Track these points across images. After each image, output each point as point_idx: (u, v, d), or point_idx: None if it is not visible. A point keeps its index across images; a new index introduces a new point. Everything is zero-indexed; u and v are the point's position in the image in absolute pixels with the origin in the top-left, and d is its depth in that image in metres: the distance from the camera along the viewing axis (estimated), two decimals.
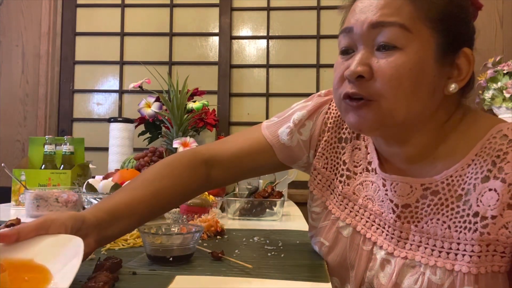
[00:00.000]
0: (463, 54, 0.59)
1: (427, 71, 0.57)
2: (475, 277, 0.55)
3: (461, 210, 0.58)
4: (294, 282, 0.60)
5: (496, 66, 2.02)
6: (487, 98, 2.01)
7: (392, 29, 0.55)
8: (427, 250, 0.60)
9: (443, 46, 0.57)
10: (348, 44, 0.61)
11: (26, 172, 1.37)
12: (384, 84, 0.56)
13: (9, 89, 2.32)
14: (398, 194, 0.63)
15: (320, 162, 0.76)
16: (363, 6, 0.59)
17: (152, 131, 1.94)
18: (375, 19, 0.57)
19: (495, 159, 0.56)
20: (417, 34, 0.56)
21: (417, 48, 0.56)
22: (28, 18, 2.34)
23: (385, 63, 0.56)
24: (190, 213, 1.02)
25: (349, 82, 0.59)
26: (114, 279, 0.56)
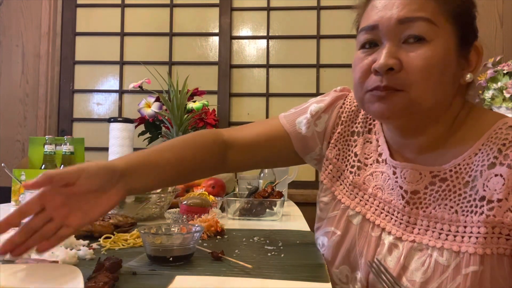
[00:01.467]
0: (475, 48, 0.64)
1: (451, 63, 0.61)
2: (480, 257, 0.57)
3: (468, 196, 0.61)
4: (294, 282, 0.60)
5: (496, 66, 2.02)
6: (487, 98, 2.01)
7: (420, 23, 0.59)
8: (434, 234, 0.62)
9: (461, 39, 0.62)
10: (370, 39, 0.63)
11: (26, 172, 1.37)
12: (415, 75, 0.59)
13: (9, 89, 2.32)
14: (408, 181, 0.66)
15: (332, 152, 0.79)
16: (387, 3, 0.62)
17: (152, 131, 1.94)
18: (402, 14, 0.59)
19: (501, 147, 0.59)
20: (442, 27, 0.59)
21: (443, 41, 0.59)
22: (28, 18, 2.34)
23: (415, 55, 0.59)
24: (190, 213, 1.02)
25: (376, 75, 0.61)
26: (114, 279, 0.56)
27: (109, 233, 0.85)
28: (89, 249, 0.73)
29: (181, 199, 1.10)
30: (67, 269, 0.52)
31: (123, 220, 0.90)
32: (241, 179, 1.64)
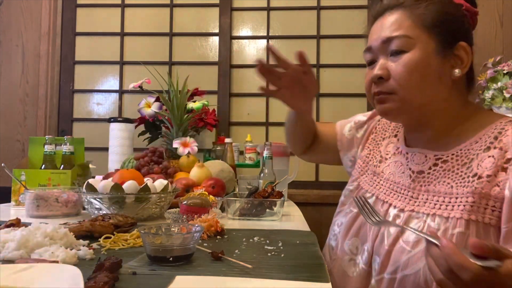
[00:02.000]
0: (460, 47, 0.76)
1: (431, 63, 0.73)
2: (466, 222, 0.67)
3: (463, 174, 0.72)
4: (294, 282, 0.60)
5: (496, 66, 2.02)
6: (487, 98, 2.01)
7: (398, 40, 0.74)
8: (431, 205, 0.73)
9: (440, 43, 0.74)
10: (371, 58, 0.81)
11: (26, 172, 1.37)
12: (400, 79, 0.74)
13: (9, 89, 2.32)
14: (415, 163, 0.80)
15: (364, 152, 0.96)
16: (375, 28, 0.80)
17: (152, 131, 1.94)
18: (384, 35, 0.77)
19: (497, 135, 0.71)
20: (417, 39, 0.74)
21: (419, 49, 0.73)
22: (28, 18, 2.34)
23: (397, 64, 0.74)
24: (190, 213, 1.02)
25: (374, 84, 0.79)
26: (114, 279, 0.56)
27: (109, 233, 0.85)
28: (89, 249, 0.73)
29: (181, 199, 1.10)
30: (67, 269, 0.52)
31: (123, 220, 0.90)
32: (241, 179, 1.64)
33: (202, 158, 1.93)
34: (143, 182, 1.13)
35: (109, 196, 1.04)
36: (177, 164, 1.54)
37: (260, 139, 2.25)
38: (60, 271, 0.52)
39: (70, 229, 0.80)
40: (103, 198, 1.05)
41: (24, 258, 0.66)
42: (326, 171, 2.27)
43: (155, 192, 1.10)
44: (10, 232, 0.75)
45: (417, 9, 0.75)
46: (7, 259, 0.66)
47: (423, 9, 0.75)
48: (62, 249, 0.68)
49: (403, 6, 0.76)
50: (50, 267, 0.54)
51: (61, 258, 0.65)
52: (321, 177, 2.27)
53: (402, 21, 0.75)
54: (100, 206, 1.07)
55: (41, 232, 0.72)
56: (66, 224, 0.88)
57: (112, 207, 1.06)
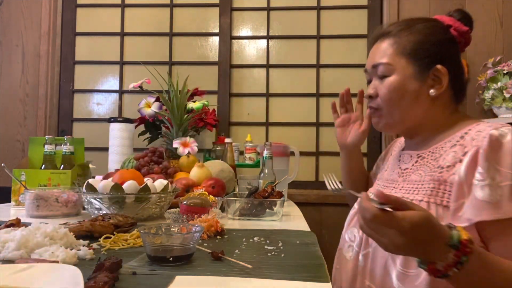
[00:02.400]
0: (437, 70, 0.87)
1: (408, 86, 0.88)
2: (427, 204, 0.79)
3: (432, 166, 0.84)
4: (294, 282, 0.60)
5: (496, 66, 2.02)
6: (487, 98, 2.01)
7: (383, 66, 0.90)
8: (403, 190, 0.88)
9: (417, 67, 0.87)
10: (369, 78, 0.97)
11: (26, 172, 1.37)
12: (382, 98, 0.90)
13: (9, 89, 2.32)
14: (404, 162, 0.94)
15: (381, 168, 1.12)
16: (370, 53, 0.96)
17: (152, 131, 1.94)
18: (372, 62, 0.93)
19: (463, 134, 0.82)
20: (397, 65, 0.88)
21: (398, 74, 0.88)
22: (28, 18, 2.34)
23: (382, 86, 0.90)
24: (190, 213, 1.02)
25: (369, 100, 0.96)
26: (114, 279, 0.56)
27: (109, 233, 0.85)
28: (89, 249, 0.73)
29: (181, 199, 1.10)
30: (67, 269, 0.52)
31: (123, 220, 0.90)
32: (241, 179, 1.64)
33: (202, 158, 1.93)
34: (143, 182, 1.13)
35: (109, 196, 1.04)
36: (177, 164, 1.54)
37: (260, 139, 2.25)
38: (60, 271, 0.52)
39: (70, 229, 0.80)
40: (103, 198, 1.05)
41: (24, 258, 0.66)
42: (326, 171, 2.27)
43: (155, 192, 1.10)
44: (10, 232, 0.76)
45: (400, 38, 0.89)
46: (7, 259, 0.67)
47: (404, 39, 0.89)
48: (62, 249, 0.68)
49: (391, 34, 0.91)
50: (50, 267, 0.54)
51: (61, 258, 0.65)
52: (321, 177, 2.27)
53: (387, 49, 0.90)
54: (100, 206, 1.07)
55: (41, 232, 0.72)
56: (66, 224, 0.88)
57: (112, 207, 1.06)
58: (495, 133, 0.75)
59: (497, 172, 0.72)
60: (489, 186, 0.71)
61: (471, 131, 0.81)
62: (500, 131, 0.75)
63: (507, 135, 0.74)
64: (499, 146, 0.74)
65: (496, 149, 0.73)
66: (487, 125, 0.80)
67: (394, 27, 0.91)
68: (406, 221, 0.59)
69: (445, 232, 0.61)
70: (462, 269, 0.60)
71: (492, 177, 0.71)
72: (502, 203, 0.70)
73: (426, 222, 0.60)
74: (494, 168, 0.72)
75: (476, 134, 0.79)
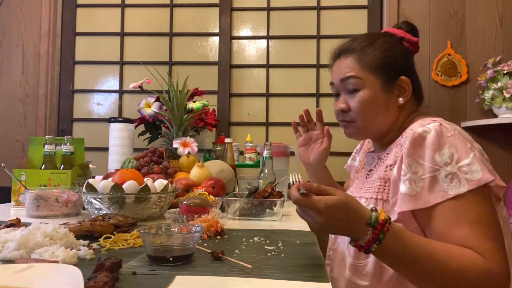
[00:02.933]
0: (402, 80, 0.94)
1: (379, 98, 0.94)
2: (375, 200, 0.89)
3: (384, 165, 0.92)
4: (294, 282, 0.60)
5: (496, 66, 2.02)
6: (487, 98, 2.01)
7: (351, 80, 0.95)
8: (362, 190, 0.97)
9: (384, 80, 0.94)
10: (336, 91, 1.02)
11: (26, 172, 1.37)
12: (355, 113, 0.95)
13: (9, 89, 2.32)
14: (369, 164, 1.03)
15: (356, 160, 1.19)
16: (335, 68, 1.01)
17: (152, 131, 1.94)
18: (341, 76, 0.97)
19: (404, 133, 0.89)
20: (366, 79, 0.94)
21: (369, 87, 0.94)
22: (28, 18, 2.34)
23: (353, 100, 0.95)
24: (190, 213, 1.02)
25: (340, 114, 1.00)
26: (114, 279, 0.56)
27: (109, 233, 0.85)
28: (89, 249, 0.73)
29: (181, 199, 1.10)
30: (67, 269, 0.52)
31: (123, 220, 0.90)
32: (241, 179, 1.64)
33: (202, 158, 1.93)
34: (143, 182, 1.12)
35: (109, 196, 1.04)
36: (177, 164, 1.54)
37: (260, 139, 2.25)
38: (60, 271, 0.52)
39: (70, 229, 0.80)
40: (103, 198, 1.05)
41: (24, 258, 0.66)
42: None
43: (155, 192, 1.10)
44: (10, 232, 0.76)
45: (364, 55, 0.95)
46: (7, 259, 0.66)
47: (369, 55, 0.94)
48: (62, 249, 0.68)
49: (354, 51, 0.96)
50: (50, 267, 0.54)
51: (61, 258, 0.65)
52: None
53: (353, 65, 0.95)
54: (100, 206, 1.07)
55: (41, 232, 0.72)
56: (66, 224, 0.88)
57: (112, 207, 1.06)
58: (419, 130, 0.82)
59: (419, 166, 0.80)
60: (409, 180, 0.80)
61: (407, 130, 0.88)
62: (425, 128, 0.82)
63: (430, 131, 0.81)
64: (421, 142, 0.81)
65: (418, 144, 0.81)
66: (420, 122, 0.86)
67: (357, 44, 0.96)
68: (321, 203, 0.69)
69: (366, 213, 0.70)
70: (381, 245, 0.70)
71: (414, 172, 0.80)
72: (421, 194, 0.78)
73: (342, 205, 0.69)
74: (416, 162, 0.80)
75: (408, 132, 0.85)
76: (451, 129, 0.82)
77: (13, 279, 0.51)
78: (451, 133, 0.81)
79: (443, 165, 0.78)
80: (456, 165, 0.78)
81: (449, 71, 2.16)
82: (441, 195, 0.77)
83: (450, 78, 2.16)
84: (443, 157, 0.79)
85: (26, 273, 0.52)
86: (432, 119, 0.86)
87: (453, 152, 0.79)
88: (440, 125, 0.82)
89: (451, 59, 2.17)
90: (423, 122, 0.85)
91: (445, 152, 0.79)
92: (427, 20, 2.19)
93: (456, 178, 0.77)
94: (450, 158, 0.78)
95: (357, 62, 0.95)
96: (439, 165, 0.78)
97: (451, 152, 0.79)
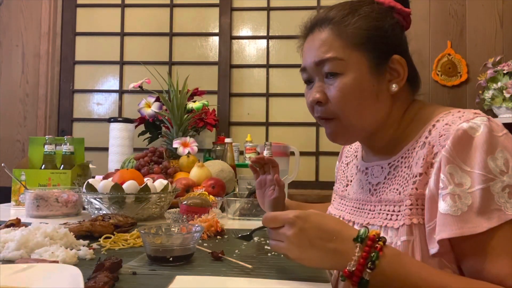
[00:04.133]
0: (394, 60, 0.71)
1: (366, 84, 0.70)
2: (408, 227, 0.64)
3: (407, 176, 0.69)
4: (294, 282, 0.60)
5: (496, 66, 2.02)
6: (487, 98, 2.01)
7: (330, 62, 0.70)
8: (383, 215, 0.71)
9: (373, 60, 0.71)
10: (307, 77, 0.77)
11: (26, 172, 1.37)
12: (337, 105, 0.71)
13: (9, 89, 2.32)
14: (375, 176, 0.77)
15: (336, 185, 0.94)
16: (307, 48, 0.76)
17: (152, 131, 1.94)
18: (316, 59, 0.72)
19: (431, 128, 0.68)
20: (349, 60, 0.70)
21: (354, 69, 0.70)
22: (28, 18, 2.34)
23: (333, 87, 0.71)
24: (190, 213, 1.02)
25: (315, 107, 0.75)
26: (114, 279, 0.56)
27: (109, 233, 0.85)
28: (89, 249, 0.73)
29: (181, 199, 1.10)
30: (67, 269, 0.52)
31: (123, 220, 0.90)
32: (241, 179, 1.64)
33: (202, 158, 1.93)
34: (143, 182, 1.13)
35: (109, 196, 1.04)
36: (177, 164, 1.54)
37: (260, 139, 2.25)
38: (60, 271, 0.52)
39: (70, 229, 0.80)
40: (103, 198, 1.05)
41: (24, 258, 0.66)
42: (326, 171, 2.27)
43: (155, 192, 1.10)
44: (10, 232, 0.76)
45: (345, 27, 0.71)
46: (7, 259, 0.66)
47: (352, 27, 0.71)
48: (62, 249, 0.68)
49: (332, 22, 0.72)
50: (50, 267, 0.54)
51: (61, 258, 0.65)
52: (321, 177, 2.27)
53: (332, 41, 0.71)
54: (100, 206, 1.07)
55: (41, 232, 0.72)
56: (66, 224, 0.88)
57: (112, 207, 1.06)
58: (464, 126, 0.61)
59: (465, 176, 0.60)
60: (451, 195, 0.59)
61: (439, 124, 0.66)
62: (471, 123, 0.61)
63: (479, 128, 0.61)
64: (468, 142, 0.60)
65: (463, 146, 0.61)
66: (457, 115, 0.66)
67: (336, 12, 0.73)
68: (290, 213, 0.59)
69: (350, 229, 0.58)
70: (375, 270, 0.54)
71: (458, 183, 0.60)
72: (469, 214, 0.58)
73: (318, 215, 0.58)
74: (461, 170, 0.60)
75: (444, 128, 0.64)
76: (501, 126, 0.63)
77: (13, 279, 0.51)
78: (503, 132, 0.62)
79: (498, 174, 0.58)
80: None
81: (449, 71, 2.17)
82: (497, 215, 0.57)
83: (450, 78, 2.17)
84: (497, 162, 0.59)
85: (26, 273, 0.52)
86: (472, 111, 0.65)
87: (508, 157, 0.59)
88: (489, 120, 0.62)
89: (451, 59, 2.17)
90: (461, 115, 0.65)
91: (498, 157, 0.59)
92: (427, 20, 2.19)
93: None
94: (506, 165, 0.59)
95: (337, 36, 0.71)
96: (493, 173, 0.58)
97: (506, 158, 0.59)
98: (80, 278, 0.48)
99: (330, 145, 2.27)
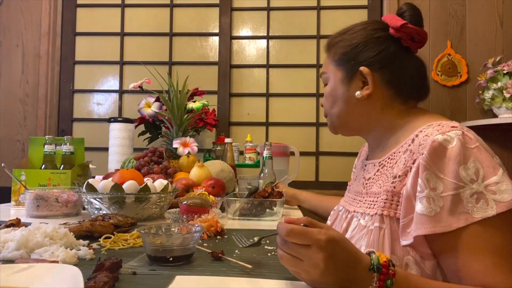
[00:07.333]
0: (362, 72, 0.86)
1: (338, 91, 0.90)
2: (380, 217, 0.76)
3: (389, 174, 0.80)
4: (294, 282, 0.60)
5: (496, 66, 2.02)
6: (487, 98, 2.01)
7: (322, 76, 0.96)
8: (365, 205, 0.84)
9: (344, 72, 0.89)
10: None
11: (26, 172, 1.37)
12: (324, 106, 0.96)
13: (9, 89, 2.32)
14: (368, 172, 0.90)
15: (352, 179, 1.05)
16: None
17: (152, 131, 1.94)
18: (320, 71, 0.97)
19: (414, 137, 0.77)
20: (329, 72, 0.92)
21: (332, 81, 0.91)
22: (28, 18, 2.34)
23: (324, 94, 0.95)
24: (190, 213, 1.02)
25: None
26: (114, 279, 0.56)
27: (109, 233, 0.85)
28: (89, 249, 0.73)
29: (181, 199, 1.10)
30: (67, 269, 0.52)
31: (123, 220, 0.90)
32: (241, 179, 1.64)
33: (202, 158, 1.93)
34: (143, 182, 1.13)
35: (109, 196, 1.04)
36: (177, 164, 1.54)
37: (260, 139, 2.25)
38: (60, 271, 0.52)
39: (70, 229, 0.80)
40: (103, 198, 1.05)
41: (24, 258, 0.66)
42: (326, 171, 2.27)
43: (155, 192, 1.10)
44: (10, 232, 0.76)
45: (332, 50, 0.93)
46: (7, 259, 0.66)
47: (334, 49, 0.92)
48: (62, 249, 0.68)
49: (329, 47, 0.94)
50: (50, 267, 0.54)
51: (61, 258, 0.65)
52: (321, 177, 2.27)
53: (326, 60, 0.95)
54: (100, 206, 1.07)
55: (41, 232, 0.72)
56: (66, 224, 0.88)
57: (112, 207, 1.06)
58: (439, 138, 0.69)
59: (439, 182, 0.68)
60: (426, 198, 0.68)
61: (421, 134, 0.75)
62: (446, 136, 0.69)
63: (452, 141, 0.69)
64: (442, 153, 0.69)
65: (438, 156, 0.69)
66: (436, 128, 0.74)
67: (333, 38, 0.94)
68: (322, 234, 0.55)
69: (363, 256, 0.58)
70: None
71: (432, 188, 0.68)
72: (441, 215, 0.66)
73: (343, 241, 0.57)
74: (436, 177, 0.68)
75: (423, 139, 0.73)
76: (475, 139, 0.71)
77: (13, 279, 0.51)
78: (475, 144, 0.70)
79: (468, 182, 0.66)
80: (482, 183, 0.66)
81: (449, 71, 2.17)
82: (465, 217, 0.65)
83: (450, 78, 2.17)
84: (468, 172, 0.67)
85: (26, 273, 0.52)
86: (450, 124, 0.73)
87: (479, 167, 0.67)
88: (462, 134, 0.70)
89: (451, 59, 2.17)
90: (439, 128, 0.73)
91: (470, 166, 0.67)
92: (427, 20, 2.19)
93: (482, 199, 0.66)
94: (476, 175, 0.67)
95: (328, 57, 0.94)
96: (464, 181, 0.66)
97: (477, 168, 0.67)
98: (80, 278, 0.48)
99: (330, 145, 2.27)
